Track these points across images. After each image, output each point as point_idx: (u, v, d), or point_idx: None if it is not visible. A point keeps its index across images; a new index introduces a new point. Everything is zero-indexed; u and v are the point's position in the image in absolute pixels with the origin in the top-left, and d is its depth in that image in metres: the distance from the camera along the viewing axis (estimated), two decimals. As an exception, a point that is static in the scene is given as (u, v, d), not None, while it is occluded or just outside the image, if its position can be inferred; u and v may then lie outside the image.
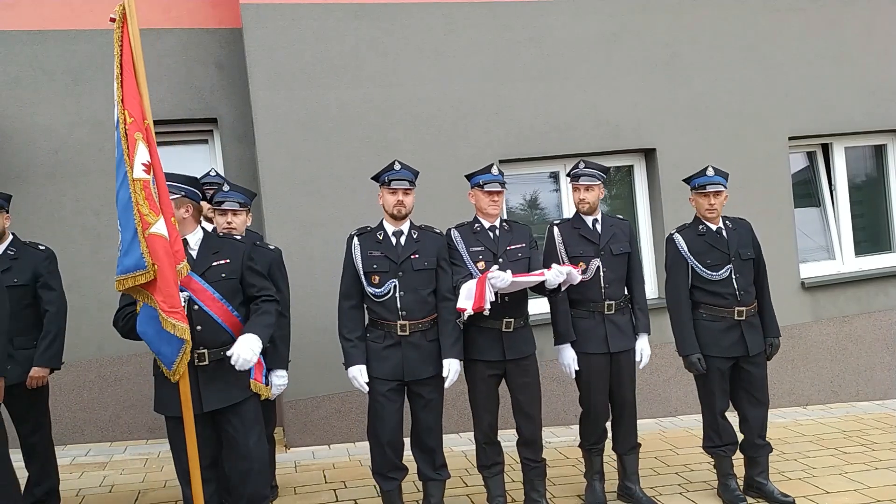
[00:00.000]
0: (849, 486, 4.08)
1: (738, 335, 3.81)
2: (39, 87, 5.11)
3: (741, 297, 3.82)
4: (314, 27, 5.08)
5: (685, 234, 3.93)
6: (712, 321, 3.84)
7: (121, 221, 2.92)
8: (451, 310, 3.50)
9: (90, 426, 5.22)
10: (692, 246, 3.88)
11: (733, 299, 3.81)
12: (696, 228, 3.92)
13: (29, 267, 3.77)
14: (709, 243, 3.85)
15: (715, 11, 5.88)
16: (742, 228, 3.95)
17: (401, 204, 3.47)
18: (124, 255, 2.89)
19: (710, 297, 3.85)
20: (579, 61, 5.58)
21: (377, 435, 3.48)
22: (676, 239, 3.93)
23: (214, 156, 5.60)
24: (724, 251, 3.84)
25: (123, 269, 2.87)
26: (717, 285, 3.83)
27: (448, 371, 3.46)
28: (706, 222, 3.90)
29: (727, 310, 3.81)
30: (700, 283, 3.87)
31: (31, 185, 5.05)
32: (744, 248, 3.88)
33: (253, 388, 3.16)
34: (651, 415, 5.64)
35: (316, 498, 4.17)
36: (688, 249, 3.88)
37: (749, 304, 3.85)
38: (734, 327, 3.82)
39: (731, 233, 3.89)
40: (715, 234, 3.87)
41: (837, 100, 6.17)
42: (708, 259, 3.84)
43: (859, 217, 6.53)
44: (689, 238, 3.90)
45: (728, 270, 3.82)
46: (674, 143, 5.74)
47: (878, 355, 6.28)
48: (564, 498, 4.00)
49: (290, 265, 4.93)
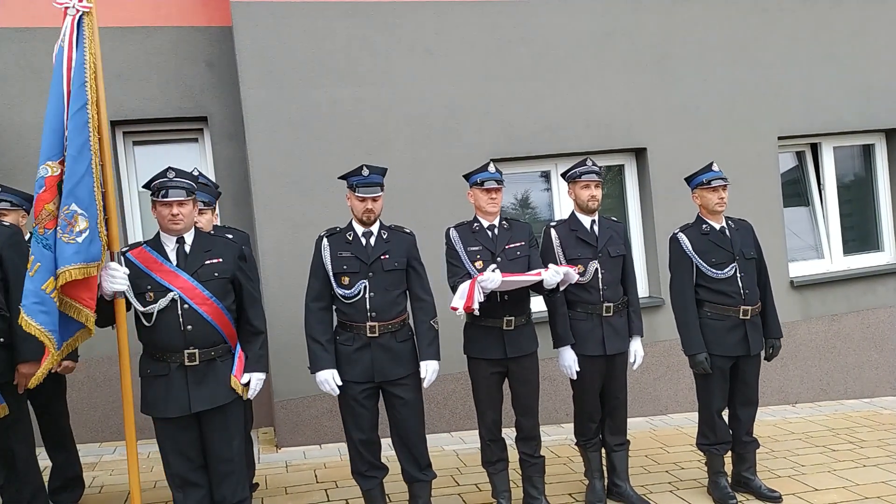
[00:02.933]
0: (837, 484, 4.10)
1: (741, 334, 3.82)
2: (27, 85, 5.07)
3: (746, 295, 3.83)
4: (305, 25, 5.06)
5: (689, 233, 3.93)
6: (717, 320, 3.84)
7: (84, 207, 2.90)
8: (427, 310, 3.49)
9: (80, 427, 5.16)
10: (696, 245, 3.87)
11: (738, 298, 3.82)
12: (699, 227, 3.92)
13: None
14: (713, 242, 3.86)
15: (705, 11, 5.90)
16: (744, 229, 3.97)
17: (370, 212, 3.43)
18: (89, 244, 2.88)
19: (714, 296, 3.85)
20: (571, 61, 5.59)
21: (352, 436, 3.48)
22: (681, 238, 3.92)
23: (205, 154, 5.57)
24: (729, 250, 3.84)
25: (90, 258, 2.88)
26: (722, 284, 3.83)
27: (426, 372, 3.44)
28: (710, 221, 3.91)
29: (732, 308, 3.81)
30: (705, 282, 3.86)
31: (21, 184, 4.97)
32: (747, 248, 3.89)
33: (232, 383, 3.12)
34: (642, 413, 5.66)
35: (307, 498, 4.16)
36: (692, 248, 3.87)
37: (754, 304, 3.86)
38: (738, 326, 3.82)
39: (734, 232, 3.90)
40: (719, 233, 3.88)
41: (827, 100, 6.21)
42: (712, 258, 3.84)
43: (848, 216, 6.58)
44: (693, 237, 3.90)
45: (733, 269, 3.83)
46: (664, 143, 5.76)
47: (867, 353, 6.33)
48: (557, 496, 4.01)
49: (280, 264, 4.95)
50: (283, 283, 4.89)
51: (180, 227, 3.09)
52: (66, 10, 3.05)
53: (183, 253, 3.11)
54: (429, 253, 4.04)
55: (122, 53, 5.21)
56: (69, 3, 3.05)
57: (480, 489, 4.13)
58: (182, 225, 3.09)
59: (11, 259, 3.35)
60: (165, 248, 3.11)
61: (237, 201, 5.39)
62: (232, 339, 3.17)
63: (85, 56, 3.05)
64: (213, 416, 3.08)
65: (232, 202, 5.38)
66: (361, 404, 3.43)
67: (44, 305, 2.86)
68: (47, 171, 2.96)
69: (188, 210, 3.10)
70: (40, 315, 2.85)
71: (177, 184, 3.07)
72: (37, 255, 2.90)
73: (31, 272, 2.88)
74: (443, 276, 3.70)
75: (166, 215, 3.06)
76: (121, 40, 5.20)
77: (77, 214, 2.89)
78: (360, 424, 3.45)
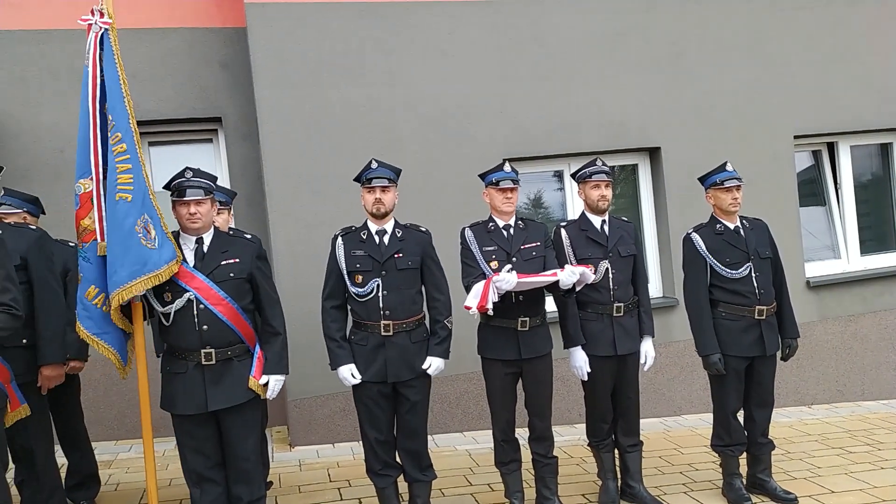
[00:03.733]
0: (854, 486, 4.06)
1: (757, 335, 3.79)
2: (44, 87, 5.12)
3: (761, 296, 3.79)
4: (319, 26, 5.08)
5: (702, 232, 3.90)
6: (732, 320, 3.80)
7: (148, 213, 3.07)
8: (442, 309, 3.50)
9: (96, 425, 5.21)
10: (710, 244, 3.85)
11: (753, 298, 3.78)
12: (713, 227, 3.90)
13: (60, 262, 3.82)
14: (727, 242, 3.83)
15: (720, 10, 5.86)
16: (759, 228, 3.93)
17: (379, 202, 3.44)
18: (161, 248, 3.04)
19: (729, 296, 3.81)
20: (584, 60, 5.57)
21: (368, 435, 3.50)
22: (694, 238, 3.89)
23: (219, 155, 5.60)
24: (743, 249, 3.81)
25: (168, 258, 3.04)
26: (736, 284, 3.79)
27: (429, 365, 3.46)
28: (724, 221, 3.88)
29: (748, 308, 3.78)
30: (719, 282, 3.83)
31: (37, 185, 5.04)
32: (762, 247, 3.86)
33: (251, 384, 3.15)
34: (655, 414, 5.63)
35: (320, 496, 4.17)
36: (706, 248, 3.85)
37: (769, 304, 3.83)
38: (754, 326, 3.79)
39: (749, 232, 3.87)
40: (733, 233, 3.85)
41: (843, 98, 6.15)
42: (727, 257, 3.81)
43: (865, 216, 6.50)
44: (706, 237, 3.87)
45: (748, 269, 3.79)
46: (679, 142, 5.72)
47: (884, 354, 6.26)
48: (570, 496, 3.99)
49: (294, 263, 4.97)
50: (296, 283, 4.90)
51: (198, 226, 3.12)
52: (91, 27, 3.12)
53: (201, 253, 3.14)
54: (441, 253, 4.03)
55: (137, 55, 5.25)
56: (92, 19, 3.10)
57: (493, 489, 4.13)
58: (200, 223, 3.12)
59: (36, 263, 3.42)
60: (184, 248, 3.14)
61: (251, 202, 5.41)
62: (250, 338, 3.18)
63: (118, 72, 3.14)
64: (231, 414, 3.11)
65: (246, 202, 5.40)
66: (377, 404, 3.45)
67: (87, 311, 3.11)
68: (80, 188, 3.15)
69: (206, 209, 3.13)
70: (86, 321, 3.12)
71: (194, 183, 3.11)
72: (80, 267, 3.16)
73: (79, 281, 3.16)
74: (455, 275, 3.71)
75: (184, 214, 3.10)
76: (136, 42, 5.24)
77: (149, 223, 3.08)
78: (376, 424, 3.46)
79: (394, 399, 3.50)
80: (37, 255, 3.41)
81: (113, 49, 3.13)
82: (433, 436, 5.09)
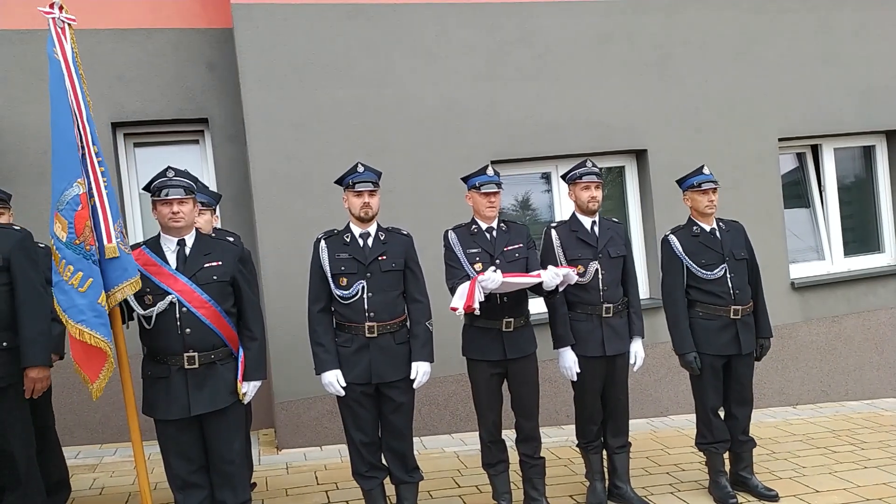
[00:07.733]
0: (838, 485, 4.10)
1: (732, 334, 3.86)
2: (29, 87, 5.07)
3: (736, 296, 3.87)
4: (306, 27, 5.07)
5: (679, 235, 3.98)
6: (708, 320, 3.88)
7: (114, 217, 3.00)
8: (423, 312, 3.51)
9: (80, 428, 5.19)
10: (687, 246, 3.92)
11: (729, 298, 3.86)
12: (690, 229, 3.98)
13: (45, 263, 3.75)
14: (703, 243, 3.91)
15: (706, 13, 5.90)
16: (735, 230, 4.01)
17: (367, 206, 3.45)
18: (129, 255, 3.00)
19: (705, 297, 3.89)
20: (571, 62, 5.59)
21: (353, 438, 3.49)
22: (671, 240, 3.98)
23: (206, 156, 5.57)
24: (718, 251, 3.89)
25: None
26: (712, 284, 3.87)
27: (416, 373, 3.45)
28: (700, 223, 3.96)
29: (723, 308, 3.86)
30: (696, 283, 3.91)
31: (21, 186, 4.99)
32: (737, 249, 3.94)
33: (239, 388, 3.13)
34: (642, 415, 5.65)
35: (308, 499, 4.16)
36: (682, 250, 3.92)
37: (745, 304, 3.90)
38: (729, 326, 3.86)
39: (725, 234, 3.95)
40: (709, 235, 3.93)
41: (827, 101, 6.21)
42: (703, 259, 3.88)
43: (848, 218, 6.57)
44: (683, 239, 3.96)
45: (722, 270, 3.87)
46: (665, 144, 5.76)
47: (867, 355, 6.33)
48: (557, 498, 4.00)
49: (280, 265, 4.95)
50: (283, 284, 4.89)
51: (181, 226, 3.09)
52: (55, 21, 3.01)
53: (183, 255, 3.11)
54: (429, 254, 4.04)
55: (123, 55, 5.22)
56: (54, 13, 3.01)
57: (481, 491, 4.13)
58: (183, 223, 3.09)
59: (20, 264, 3.31)
60: (165, 251, 3.12)
61: (238, 203, 5.39)
62: (232, 341, 3.17)
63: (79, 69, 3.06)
64: (215, 418, 3.09)
65: (232, 204, 5.38)
66: (362, 405, 3.44)
67: (102, 318, 2.95)
68: (79, 188, 2.99)
69: (188, 209, 3.10)
70: (102, 328, 2.94)
71: (176, 182, 3.08)
72: (86, 271, 2.94)
73: (83, 288, 2.92)
74: (443, 275, 3.70)
75: (166, 214, 3.06)
76: (121, 42, 5.21)
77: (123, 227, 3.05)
78: (361, 426, 3.46)
79: (378, 400, 3.49)
80: (20, 255, 3.31)
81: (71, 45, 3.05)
82: (421, 438, 5.09)
